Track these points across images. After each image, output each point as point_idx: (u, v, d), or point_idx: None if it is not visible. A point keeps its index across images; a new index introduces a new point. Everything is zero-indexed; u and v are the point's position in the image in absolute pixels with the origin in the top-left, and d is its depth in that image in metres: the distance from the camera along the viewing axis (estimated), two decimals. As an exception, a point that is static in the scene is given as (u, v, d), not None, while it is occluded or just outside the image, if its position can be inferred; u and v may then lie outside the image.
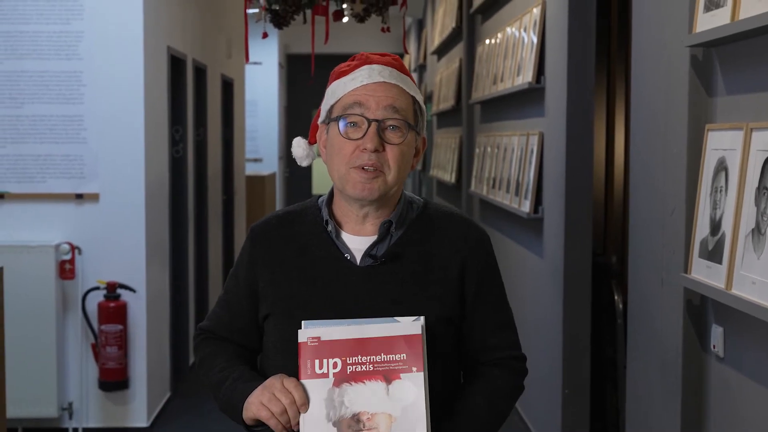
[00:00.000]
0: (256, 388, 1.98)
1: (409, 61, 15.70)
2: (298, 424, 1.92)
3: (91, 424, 5.69)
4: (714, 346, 2.91)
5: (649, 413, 3.46)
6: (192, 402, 6.42)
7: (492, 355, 2.13)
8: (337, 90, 2.07)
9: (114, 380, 5.59)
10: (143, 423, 5.76)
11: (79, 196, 5.60)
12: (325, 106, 2.11)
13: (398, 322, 1.95)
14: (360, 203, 2.06)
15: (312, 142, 2.19)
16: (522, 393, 2.18)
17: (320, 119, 2.13)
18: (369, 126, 2.01)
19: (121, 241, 5.65)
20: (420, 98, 2.10)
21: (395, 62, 2.10)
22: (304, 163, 2.21)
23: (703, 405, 3.03)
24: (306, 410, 1.91)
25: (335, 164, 2.06)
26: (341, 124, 2.03)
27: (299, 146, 2.20)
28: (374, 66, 2.05)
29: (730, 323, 2.83)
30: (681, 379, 3.09)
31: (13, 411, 5.14)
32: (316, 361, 1.92)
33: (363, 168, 2.02)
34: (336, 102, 2.06)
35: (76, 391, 5.64)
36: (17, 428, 5.55)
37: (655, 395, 3.38)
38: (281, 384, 1.93)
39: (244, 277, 2.14)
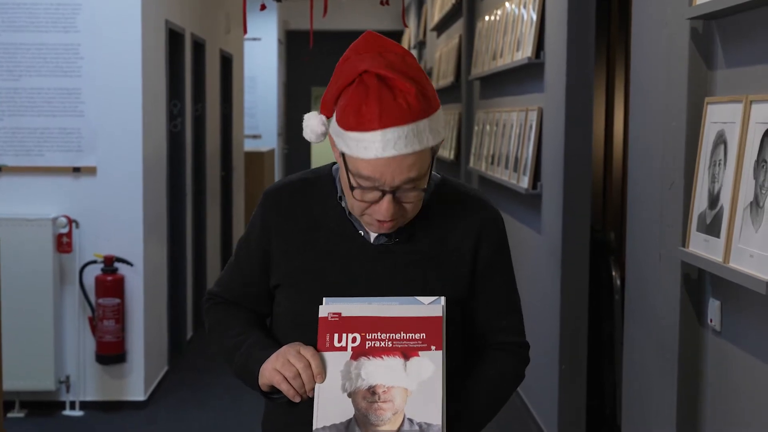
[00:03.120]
0: (271, 354, 1.97)
1: (409, 36, 15.64)
2: (312, 390, 1.91)
3: (89, 398, 5.70)
4: (711, 320, 2.91)
5: (646, 388, 3.46)
6: (189, 376, 6.43)
7: (498, 338, 2.12)
8: (349, 142, 1.90)
9: (111, 354, 5.60)
10: (140, 397, 5.77)
11: (77, 170, 5.59)
12: (334, 130, 1.95)
13: (419, 301, 1.95)
14: None
15: (325, 115, 2.02)
16: (521, 380, 2.18)
17: (331, 131, 1.97)
18: (383, 195, 1.92)
19: (118, 215, 5.64)
20: (439, 128, 1.93)
21: (405, 75, 1.89)
22: (319, 140, 2.04)
23: (699, 379, 3.03)
24: (322, 380, 1.90)
25: (347, 197, 1.98)
26: (352, 185, 1.93)
27: (317, 121, 1.99)
28: (388, 133, 1.87)
29: (727, 297, 2.82)
30: (678, 353, 3.09)
31: (10, 384, 5.15)
32: (335, 335, 1.92)
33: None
34: (347, 151, 1.92)
35: (73, 365, 5.65)
36: (15, 401, 5.56)
37: (652, 370, 3.38)
38: (296, 351, 1.92)
39: (256, 242, 2.11)
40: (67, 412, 5.63)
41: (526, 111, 5.45)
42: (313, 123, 2.00)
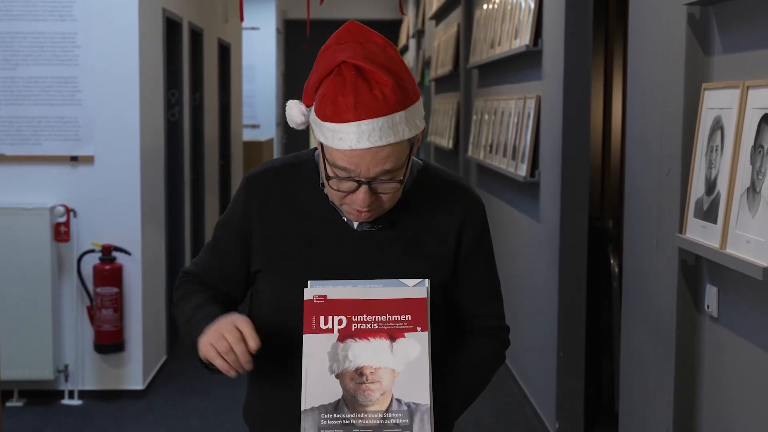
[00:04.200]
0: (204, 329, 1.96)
1: (408, 25, 15.62)
2: (247, 363, 1.90)
3: (87, 387, 5.70)
4: (708, 307, 2.91)
5: (644, 375, 3.47)
6: (188, 365, 6.42)
7: (479, 323, 2.14)
8: (326, 132, 1.92)
9: (109, 343, 5.59)
10: (139, 386, 5.77)
11: (74, 159, 5.58)
12: (313, 119, 1.97)
13: (403, 284, 1.96)
14: None
15: (308, 104, 2.05)
16: (502, 363, 2.19)
17: (311, 119, 1.99)
18: (359, 186, 1.93)
19: (116, 204, 5.63)
20: (417, 120, 1.94)
21: (382, 66, 1.90)
22: (300, 128, 2.10)
23: (696, 365, 3.03)
24: (255, 345, 1.90)
25: (325, 185, 1.99)
26: (329, 175, 1.95)
27: (297, 111, 2.03)
28: (363, 125, 1.87)
29: (724, 283, 2.82)
30: (675, 339, 3.09)
31: (8, 373, 5.15)
32: (321, 317, 1.93)
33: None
34: (323, 141, 1.93)
35: (71, 354, 5.65)
36: (13, 390, 5.56)
37: (650, 356, 3.38)
38: (232, 324, 1.91)
39: (237, 225, 2.10)
40: (66, 401, 5.64)
41: (524, 99, 5.45)
42: (293, 112, 2.03)
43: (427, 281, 1.96)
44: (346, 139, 1.89)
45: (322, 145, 1.95)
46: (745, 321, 2.68)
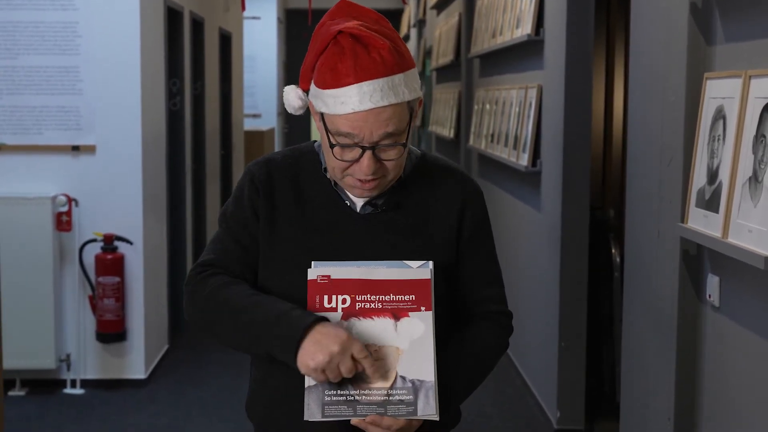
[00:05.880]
0: (312, 322, 1.90)
1: (409, 15, 15.60)
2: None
3: (89, 376, 5.71)
4: (710, 296, 2.91)
5: (645, 365, 3.47)
6: (190, 354, 6.43)
7: (481, 308, 2.14)
8: (327, 100, 1.94)
9: (111, 332, 5.60)
10: (141, 375, 5.78)
11: (76, 148, 5.58)
12: (313, 93, 1.99)
13: (407, 265, 1.97)
14: None
15: (304, 88, 2.08)
16: (506, 350, 2.19)
17: (310, 95, 2.01)
18: (363, 152, 1.94)
19: (117, 193, 5.64)
20: (415, 84, 1.97)
21: (378, 33, 1.94)
22: (298, 112, 2.12)
23: (698, 355, 3.03)
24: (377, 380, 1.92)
25: (327, 160, 2.01)
26: (332, 143, 1.95)
27: (294, 95, 2.07)
28: (364, 86, 1.90)
29: (725, 272, 2.82)
30: (676, 329, 3.09)
31: (10, 362, 5.16)
32: (325, 297, 1.95)
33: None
34: (325, 110, 1.95)
35: (73, 343, 5.66)
36: (15, 379, 5.57)
37: (651, 346, 3.39)
38: (349, 360, 1.87)
39: (250, 204, 2.07)
40: (68, 390, 5.65)
41: (526, 89, 5.44)
42: (290, 97, 2.07)
43: (430, 263, 1.98)
44: (348, 102, 1.91)
45: (323, 117, 1.97)
46: (747, 310, 2.68)
